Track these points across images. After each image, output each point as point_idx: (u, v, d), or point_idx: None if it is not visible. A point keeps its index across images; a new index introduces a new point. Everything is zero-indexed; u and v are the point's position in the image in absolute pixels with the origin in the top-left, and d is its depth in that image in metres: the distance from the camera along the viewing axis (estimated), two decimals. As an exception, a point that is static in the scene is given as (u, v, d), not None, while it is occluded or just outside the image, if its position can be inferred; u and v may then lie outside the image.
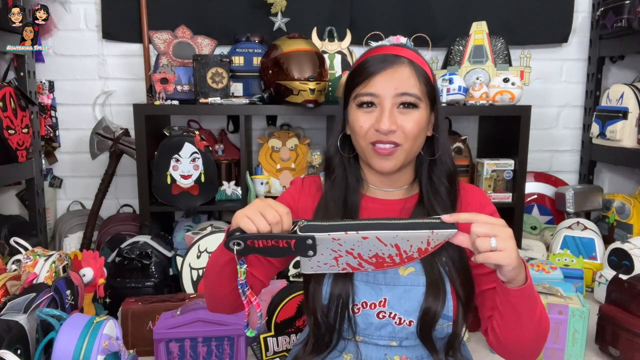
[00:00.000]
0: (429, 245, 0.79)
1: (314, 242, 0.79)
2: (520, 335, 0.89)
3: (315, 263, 0.82)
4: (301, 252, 0.80)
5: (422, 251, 0.80)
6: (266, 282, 1.06)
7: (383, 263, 0.81)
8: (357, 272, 0.82)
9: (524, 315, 0.87)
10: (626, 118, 2.10)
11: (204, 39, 2.14)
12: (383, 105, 0.93)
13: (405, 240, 0.78)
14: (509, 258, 0.77)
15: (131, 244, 1.77)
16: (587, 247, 2.08)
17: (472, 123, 2.47)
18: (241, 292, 0.83)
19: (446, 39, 2.29)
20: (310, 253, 0.80)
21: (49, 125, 2.24)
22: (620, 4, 2.10)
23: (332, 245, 0.80)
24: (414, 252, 0.80)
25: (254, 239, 0.79)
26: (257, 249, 0.80)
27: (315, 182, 1.06)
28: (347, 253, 0.80)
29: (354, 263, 0.82)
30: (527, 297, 0.85)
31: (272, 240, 0.79)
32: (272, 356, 1.51)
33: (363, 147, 0.96)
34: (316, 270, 0.83)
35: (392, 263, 0.81)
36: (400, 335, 0.94)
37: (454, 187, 1.00)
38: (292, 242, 0.79)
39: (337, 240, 0.79)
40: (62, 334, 1.16)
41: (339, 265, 0.82)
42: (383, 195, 1.02)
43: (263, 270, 1.03)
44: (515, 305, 0.86)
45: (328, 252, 0.80)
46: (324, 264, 0.82)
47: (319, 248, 0.80)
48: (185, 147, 1.97)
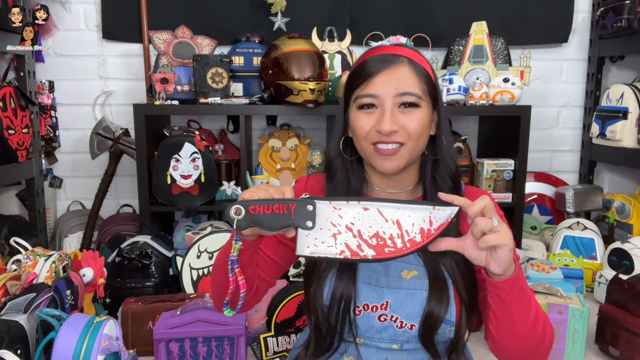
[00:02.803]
0: (432, 226, 0.77)
1: (314, 210, 0.78)
2: (514, 334, 0.87)
3: (313, 240, 0.79)
4: (300, 221, 0.79)
5: (425, 233, 0.77)
6: (272, 282, 1.06)
7: (384, 247, 0.78)
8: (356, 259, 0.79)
9: (515, 311, 0.85)
10: (626, 118, 2.10)
11: (204, 39, 2.14)
12: (384, 106, 0.92)
13: (407, 216, 0.77)
14: (507, 237, 0.78)
15: (131, 244, 1.77)
16: (587, 247, 2.08)
17: (472, 123, 2.47)
18: (229, 269, 0.83)
19: (446, 39, 2.29)
20: (309, 224, 0.79)
21: (49, 125, 2.24)
22: (620, 4, 2.10)
23: (332, 217, 0.79)
24: (416, 234, 0.78)
25: (255, 204, 0.79)
26: (258, 217, 0.79)
27: (320, 181, 1.05)
28: (347, 229, 0.78)
29: (353, 244, 0.79)
30: (517, 290, 0.84)
31: (273, 206, 0.79)
32: (272, 356, 1.51)
33: (365, 149, 0.95)
34: (312, 251, 0.80)
35: (394, 248, 0.78)
36: (401, 338, 0.94)
37: (457, 188, 0.99)
38: (292, 207, 0.78)
39: (337, 211, 0.78)
40: (62, 334, 1.16)
41: (337, 246, 0.79)
42: (387, 196, 1.01)
43: (269, 270, 1.03)
44: (504, 299, 0.84)
45: (327, 226, 0.79)
46: (322, 243, 0.79)
47: (318, 220, 0.79)
48: (185, 147, 1.97)
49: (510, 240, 0.79)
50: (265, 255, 1.02)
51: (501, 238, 0.77)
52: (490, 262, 0.80)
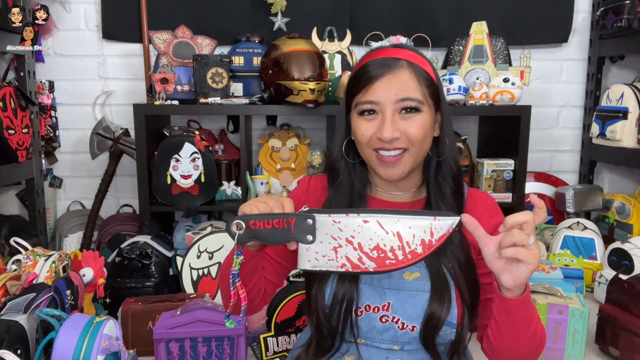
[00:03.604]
0: (433, 237, 0.76)
1: (313, 224, 0.78)
2: (515, 347, 0.89)
3: (314, 254, 0.80)
4: (300, 235, 0.79)
5: (426, 245, 0.77)
6: (280, 283, 1.06)
7: (385, 259, 0.78)
8: (357, 272, 0.79)
9: (521, 327, 0.86)
10: (626, 118, 2.10)
11: (204, 39, 2.14)
12: (384, 112, 0.91)
13: (407, 228, 0.76)
14: (536, 257, 0.77)
15: (131, 244, 1.77)
16: (587, 247, 2.08)
17: (472, 123, 2.47)
18: (231, 282, 0.83)
19: (446, 39, 2.29)
20: (309, 238, 0.79)
21: (49, 125, 2.24)
22: (620, 4, 2.10)
23: (332, 231, 0.78)
24: (417, 246, 0.77)
25: (255, 219, 0.79)
26: (258, 232, 0.79)
27: (322, 182, 1.05)
28: (347, 242, 0.78)
29: (353, 257, 0.79)
30: (525, 307, 0.85)
31: (273, 220, 0.79)
32: (272, 356, 1.51)
33: (367, 155, 0.95)
34: (314, 264, 0.80)
35: (395, 260, 0.78)
36: (402, 339, 0.93)
37: (459, 189, 0.98)
38: (292, 221, 0.78)
39: (337, 224, 0.78)
40: (62, 334, 1.16)
41: (338, 260, 0.79)
42: (390, 198, 1.01)
43: (275, 272, 1.03)
44: (513, 315, 0.85)
45: (327, 239, 0.79)
46: (323, 257, 0.79)
47: (318, 233, 0.79)
48: (185, 147, 1.97)
49: (537, 262, 0.78)
50: (270, 257, 1.02)
51: (531, 256, 0.77)
52: (504, 273, 0.80)
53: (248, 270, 0.93)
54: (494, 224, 0.97)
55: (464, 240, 0.94)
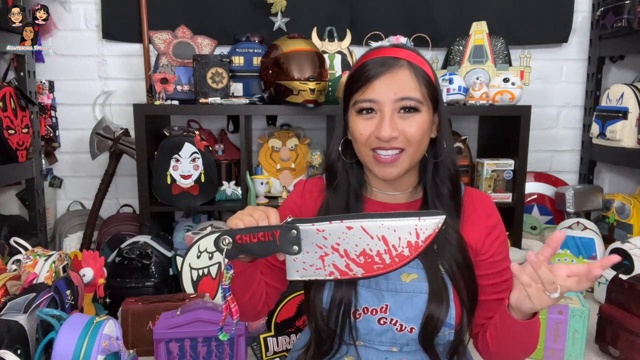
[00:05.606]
0: (419, 238, 0.75)
1: (298, 235, 0.78)
2: (510, 354, 0.93)
3: (301, 265, 0.80)
4: (286, 247, 0.79)
5: (413, 246, 0.76)
6: (282, 287, 1.05)
7: (372, 264, 0.77)
8: (346, 278, 0.79)
9: (520, 341, 0.89)
10: (626, 118, 2.10)
11: (204, 39, 2.14)
12: (383, 111, 0.90)
13: (392, 231, 0.76)
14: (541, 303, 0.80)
15: (131, 244, 1.77)
16: (587, 247, 2.08)
17: (472, 123, 2.47)
18: (222, 296, 0.83)
19: (446, 39, 2.29)
20: (294, 249, 0.79)
21: (49, 125, 2.24)
22: (620, 4, 2.10)
23: (317, 240, 0.78)
24: (403, 248, 0.76)
25: (241, 233, 0.79)
26: (245, 246, 0.80)
27: (318, 184, 1.05)
28: (333, 250, 0.78)
29: (341, 264, 0.78)
30: (528, 329, 0.86)
31: (258, 234, 0.79)
32: (272, 356, 1.51)
33: (364, 155, 0.94)
34: (302, 274, 0.80)
35: (383, 264, 0.77)
36: (401, 341, 0.93)
37: (457, 190, 0.98)
38: (276, 233, 0.79)
39: (321, 232, 0.78)
40: (62, 334, 1.16)
41: (326, 268, 0.79)
42: (387, 199, 1.00)
43: (275, 276, 1.03)
44: (516, 333, 0.87)
45: (313, 249, 0.79)
46: (310, 266, 0.79)
47: (303, 243, 0.79)
48: (185, 147, 1.97)
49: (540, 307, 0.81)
50: (269, 263, 1.02)
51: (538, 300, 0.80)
52: (521, 291, 0.82)
53: (245, 280, 0.93)
54: (490, 224, 0.98)
55: (461, 241, 0.93)
